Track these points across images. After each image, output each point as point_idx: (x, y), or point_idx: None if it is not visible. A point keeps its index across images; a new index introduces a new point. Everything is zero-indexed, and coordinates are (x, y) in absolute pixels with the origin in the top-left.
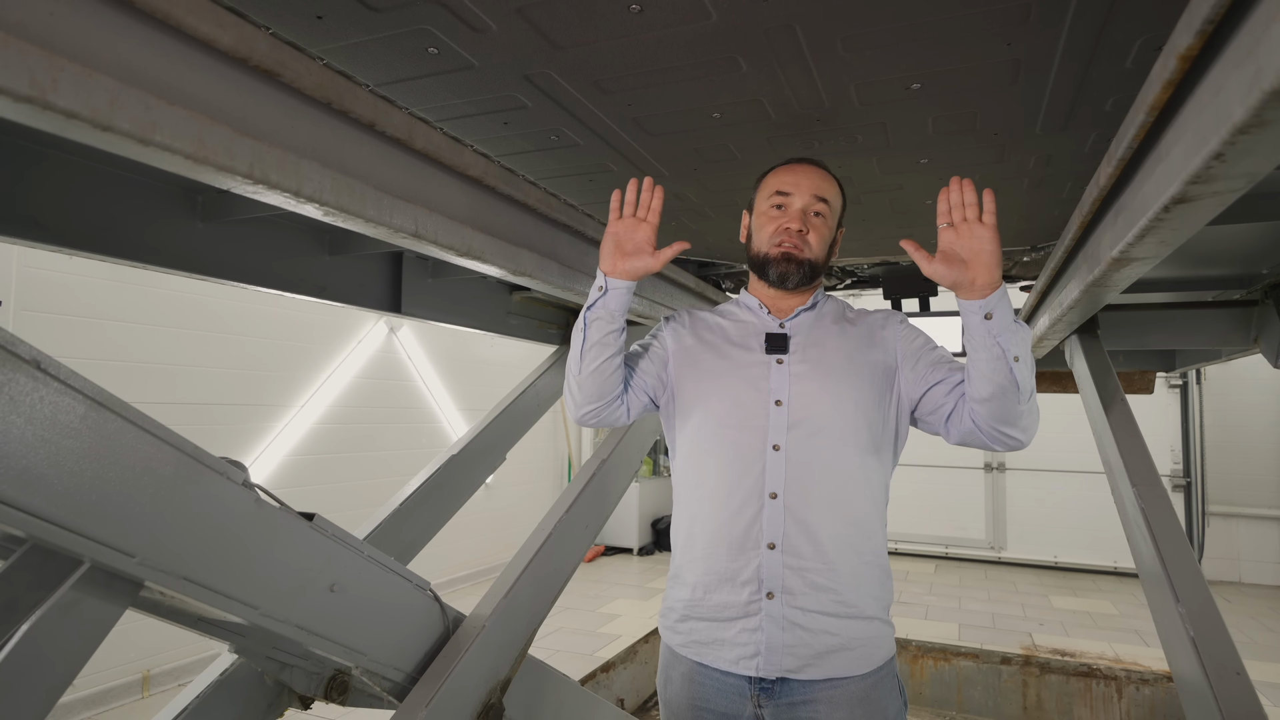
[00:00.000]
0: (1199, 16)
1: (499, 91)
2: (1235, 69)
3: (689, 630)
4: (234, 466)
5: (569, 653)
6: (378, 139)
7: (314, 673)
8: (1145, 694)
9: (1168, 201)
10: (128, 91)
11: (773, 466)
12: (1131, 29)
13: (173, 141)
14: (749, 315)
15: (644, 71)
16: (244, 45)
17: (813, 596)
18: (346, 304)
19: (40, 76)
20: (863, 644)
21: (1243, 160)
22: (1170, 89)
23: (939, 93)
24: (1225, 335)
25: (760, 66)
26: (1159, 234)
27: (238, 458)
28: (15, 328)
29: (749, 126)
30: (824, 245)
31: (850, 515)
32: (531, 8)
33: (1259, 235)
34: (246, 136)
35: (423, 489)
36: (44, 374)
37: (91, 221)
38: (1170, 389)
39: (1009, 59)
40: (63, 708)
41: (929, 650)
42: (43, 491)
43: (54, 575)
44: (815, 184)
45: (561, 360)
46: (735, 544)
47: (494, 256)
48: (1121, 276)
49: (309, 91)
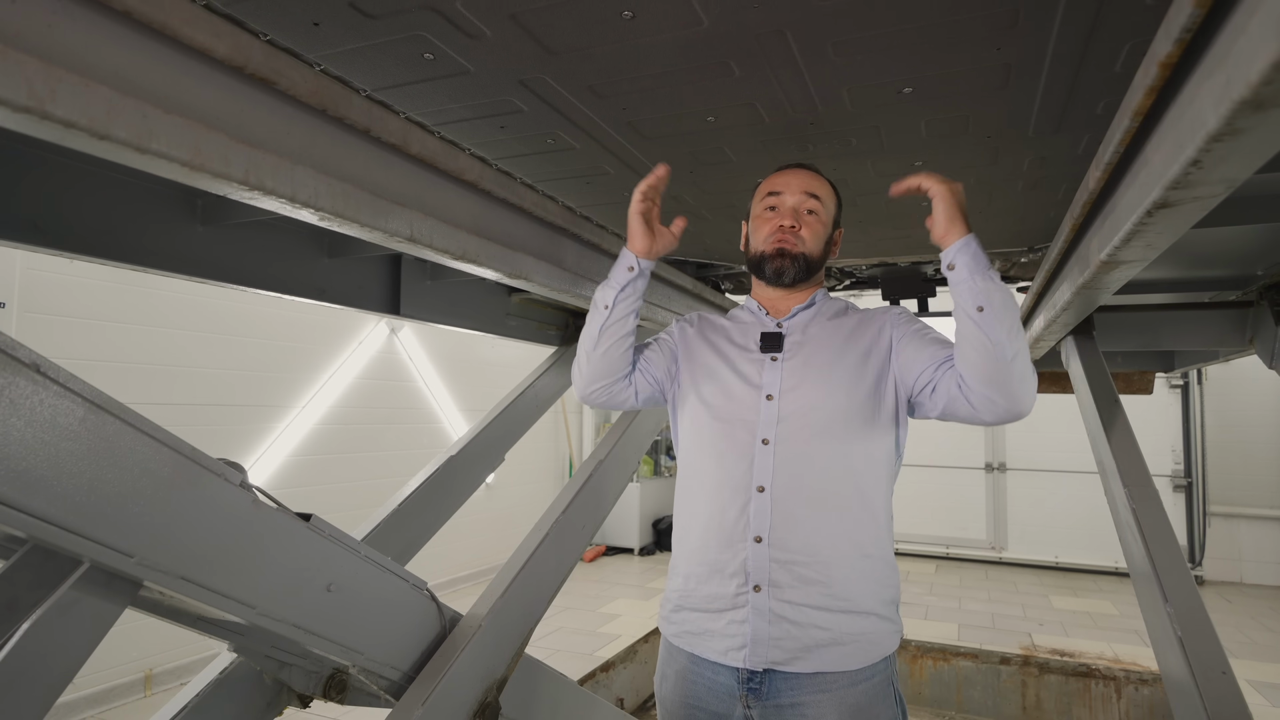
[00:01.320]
0: (1178, 25)
1: (495, 96)
2: (1208, 78)
3: (682, 620)
4: (232, 468)
5: (569, 652)
6: (373, 144)
7: (312, 671)
8: (1144, 694)
9: (1150, 206)
10: (125, 101)
11: (760, 460)
12: (1119, 34)
13: (169, 149)
14: (749, 317)
15: (638, 76)
16: (239, 53)
17: (801, 590)
18: (345, 306)
19: (38, 87)
20: (856, 639)
21: (1219, 167)
22: (1153, 95)
23: (931, 97)
24: (1221, 336)
25: (753, 71)
26: (1144, 238)
27: (239, 459)
28: (18, 330)
29: (743, 130)
30: (818, 240)
31: (843, 508)
32: (525, 14)
33: (1255, 237)
34: (242, 143)
35: (422, 489)
36: (43, 377)
37: (91, 225)
38: (1171, 389)
39: (999, 63)
40: (65, 706)
41: (928, 650)
42: (42, 493)
43: (54, 575)
44: (805, 183)
45: (561, 361)
46: (724, 537)
47: (491, 260)
48: (1111, 279)
49: (304, 98)
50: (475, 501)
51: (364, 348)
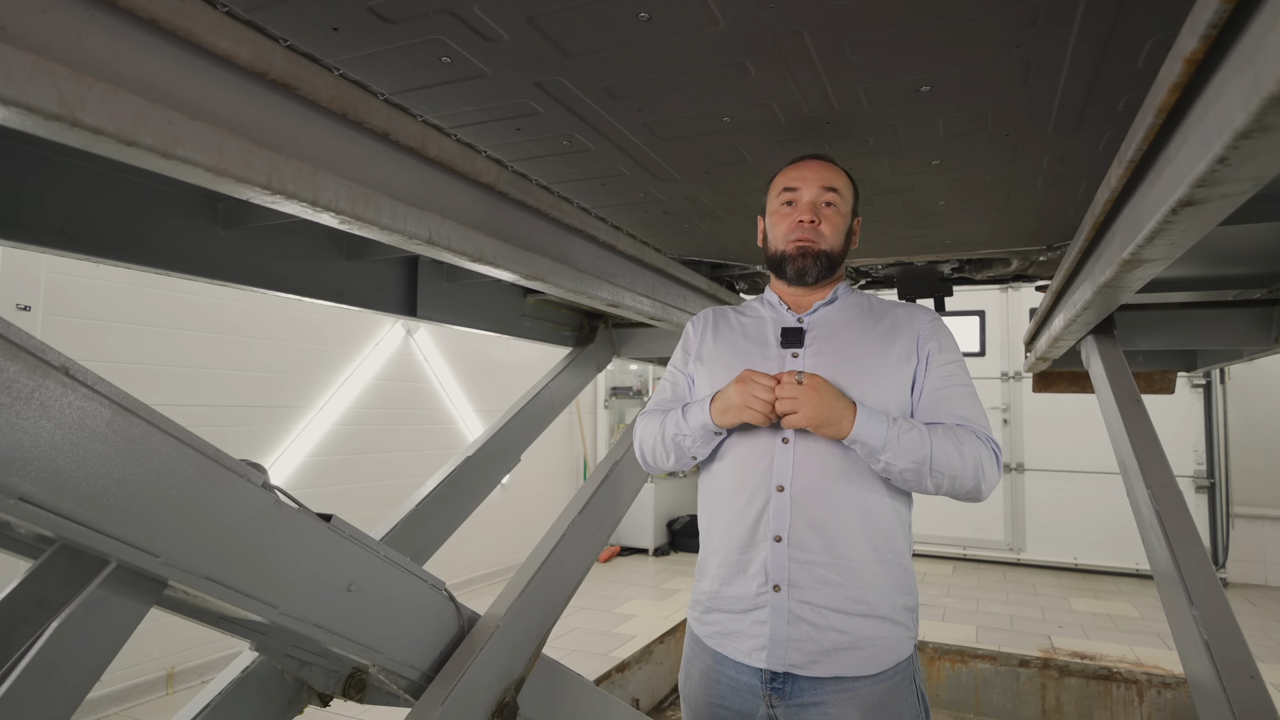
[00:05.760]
0: (1203, 20)
1: (511, 99)
2: (1236, 74)
3: (713, 621)
4: (254, 469)
5: (584, 653)
6: (392, 148)
7: (333, 670)
8: (1167, 698)
9: (1175, 204)
10: (151, 108)
11: (780, 460)
12: (1142, 30)
13: (194, 155)
14: (769, 312)
15: (654, 77)
16: (262, 60)
17: (820, 591)
18: (363, 308)
19: (69, 95)
20: (873, 644)
21: (1247, 164)
22: (1177, 92)
23: (949, 95)
24: (1246, 335)
25: (769, 71)
26: (1168, 236)
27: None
28: (43, 333)
29: (759, 130)
30: (838, 234)
31: (863, 510)
32: (542, 17)
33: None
34: (265, 148)
35: (439, 490)
36: (72, 380)
37: (116, 230)
38: (1193, 389)
39: (1018, 61)
40: (90, 704)
41: (946, 652)
42: (71, 493)
43: (82, 574)
44: (822, 176)
45: (576, 361)
46: (745, 537)
47: (507, 261)
48: (1134, 278)
49: (325, 103)
50: (490, 502)
51: (380, 349)
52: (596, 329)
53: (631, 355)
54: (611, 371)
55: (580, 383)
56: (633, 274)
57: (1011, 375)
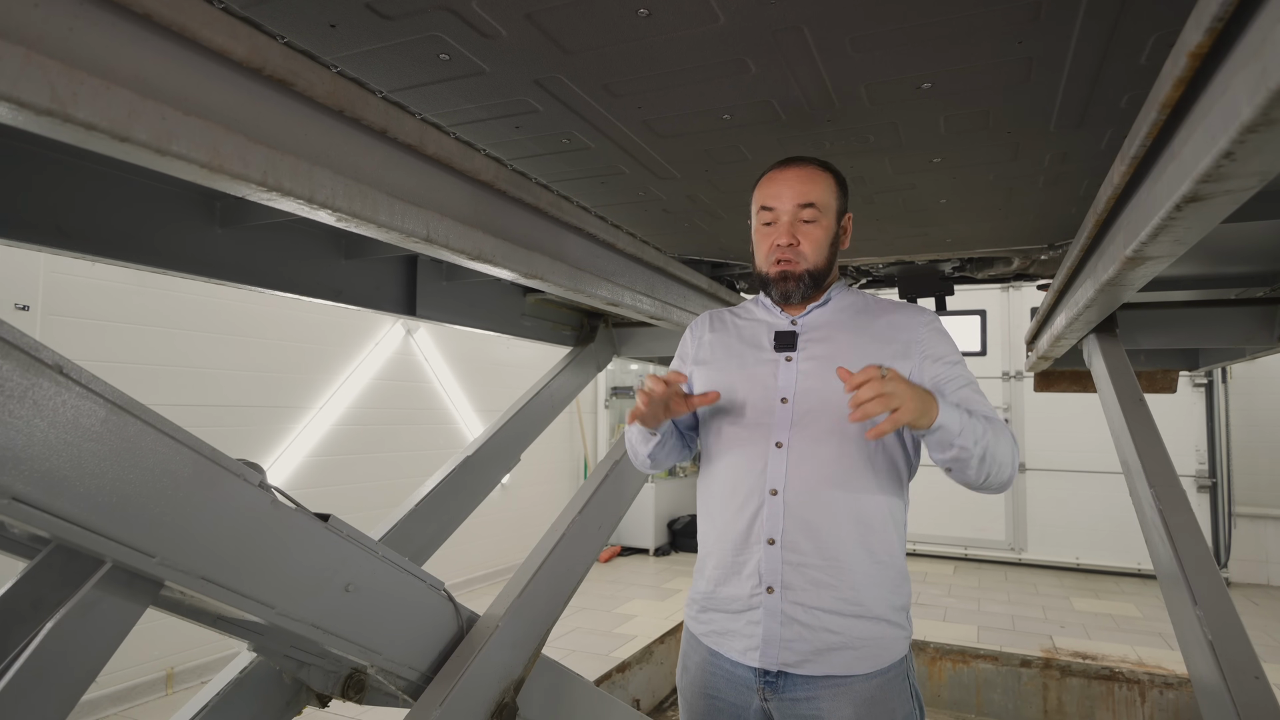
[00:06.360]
0: (1208, 14)
1: (510, 96)
2: (1243, 67)
3: (709, 620)
4: (251, 468)
5: (585, 653)
6: (389, 145)
7: (331, 671)
8: (1169, 698)
9: (1179, 200)
10: (145, 103)
11: (774, 463)
12: (1144, 25)
13: (188, 151)
14: (764, 314)
15: (653, 75)
16: (258, 55)
17: (813, 593)
18: (362, 307)
19: (61, 90)
20: (867, 644)
21: (1253, 159)
22: (1181, 87)
23: (950, 92)
24: (1249, 333)
25: (769, 68)
26: (1172, 233)
27: (258, 459)
28: (41, 332)
29: (759, 127)
30: (819, 250)
31: (857, 513)
32: (540, 13)
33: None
34: (260, 145)
35: (438, 490)
36: (66, 379)
37: (114, 229)
38: (1195, 387)
39: (1020, 57)
40: (88, 704)
41: (947, 652)
42: (65, 493)
43: (77, 575)
44: (797, 191)
45: (576, 361)
46: (739, 539)
47: (506, 260)
48: (1137, 275)
49: (321, 100)
50: (490, 502)
51: (380, 349)
52: (596, 328)
53: (632, 355)
54: (612, 371)
55: (580, 382)
56: (632, 272)
57: (1013, 375)
